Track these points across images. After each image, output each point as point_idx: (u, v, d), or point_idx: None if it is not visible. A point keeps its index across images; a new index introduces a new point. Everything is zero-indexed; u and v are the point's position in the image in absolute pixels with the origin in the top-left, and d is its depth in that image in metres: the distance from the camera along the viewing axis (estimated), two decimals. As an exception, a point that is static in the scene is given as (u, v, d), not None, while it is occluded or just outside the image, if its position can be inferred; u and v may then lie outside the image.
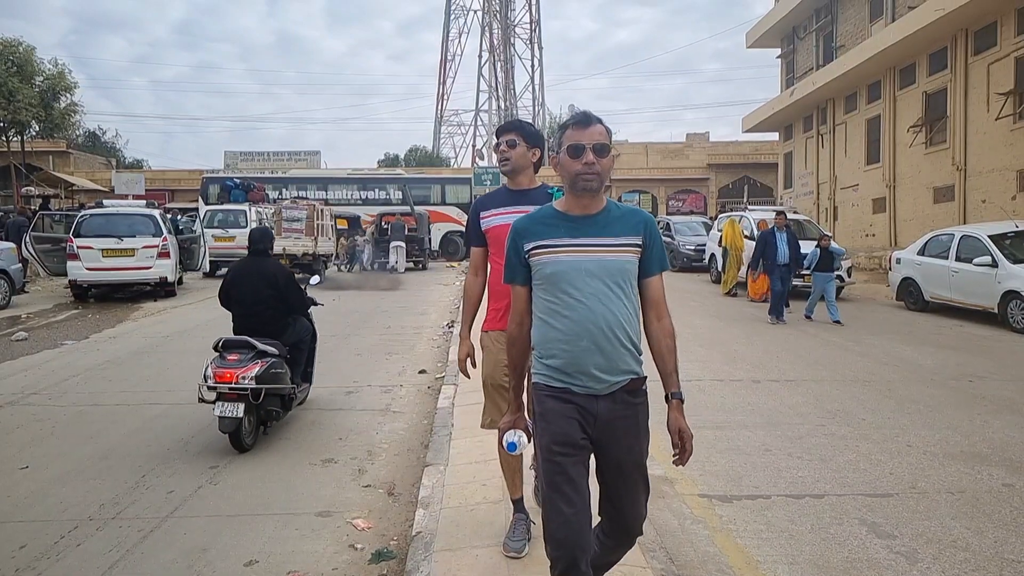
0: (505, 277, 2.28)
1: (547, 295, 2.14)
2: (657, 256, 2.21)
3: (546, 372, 2.16)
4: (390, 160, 49.56)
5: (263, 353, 4.84)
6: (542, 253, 2.14)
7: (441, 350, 8.27)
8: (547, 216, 2.20)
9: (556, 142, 2.19)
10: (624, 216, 2.19)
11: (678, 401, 2.19)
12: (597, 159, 2.09)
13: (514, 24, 55.22)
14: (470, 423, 5.02)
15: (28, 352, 8.24)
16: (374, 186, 26.23)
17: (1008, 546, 3.27)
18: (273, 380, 4.83)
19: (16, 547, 3.36)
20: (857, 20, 22.54)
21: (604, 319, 2.07)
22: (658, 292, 2.22)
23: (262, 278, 5.24)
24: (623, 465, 2.17)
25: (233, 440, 4.69)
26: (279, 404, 5.09)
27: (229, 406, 4.55)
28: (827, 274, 10.48)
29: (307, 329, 5.59)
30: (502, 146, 3.08)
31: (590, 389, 2.11)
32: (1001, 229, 10.74)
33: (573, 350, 2.09)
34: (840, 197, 23.59)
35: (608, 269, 2.10)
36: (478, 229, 3.14)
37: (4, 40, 23.56)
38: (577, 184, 2.11)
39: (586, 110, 2.19)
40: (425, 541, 3.23)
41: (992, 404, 5.77)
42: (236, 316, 5.31)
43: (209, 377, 4.59)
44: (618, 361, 2.10)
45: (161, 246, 12.84)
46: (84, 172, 35.04)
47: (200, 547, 3.36)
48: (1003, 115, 15.58)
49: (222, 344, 4.89)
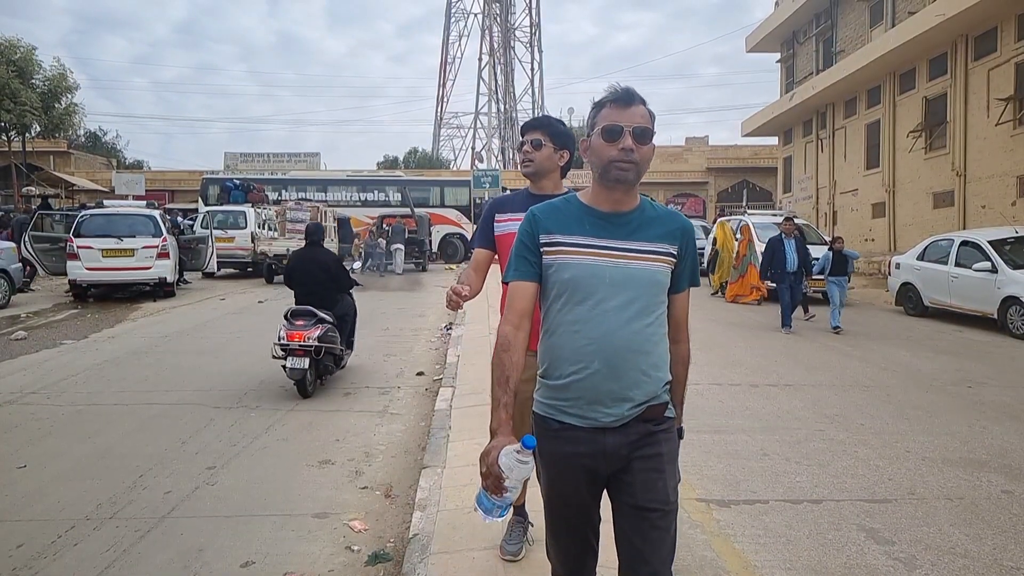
0: (508, 274, 1.89)
1: (559, 304, 1.80)
2: (689, 270, 1.89)
3: (548, 399, 1.83)
4: (389, 162, 49.60)
5: (322, 320, 6.12)
6: (560, 251, 1.80)
7: (439, 352, 8.26)
8: (571, 208, 1.86)
9: (589, 122, 1.85)
10: (660, 219, 1.85)
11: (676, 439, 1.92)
12: (636, 145, 1.75)
13: (514, 27, 55.33)
14: (468, 425, 5.02)
15: (27, 351, 8.24)
16: (373, 188, 26.26)
17: (1007, 553, 3.26)
18: (330, 341, 6.13)
19: (13, 546, 3.35)
20: (857, 25, 22.58)
21: (622, 339, 1.74)
22: (682, 311, 1.91)
23: (317, 263, 6.45)
24: (644, 511, 1.77)
25: (299, 387, 6.01)
26: (332, 361, 6.36)
27: (297, 360, 5.85)
28: (842, 278, 10.19)
29: (351, 305, 6.80)
30: (526, 146, 2.79)
31: (597, 422, 1.77)
32: (1001, 235, 10.74)
33: (582, 372, 1.75)
34: (839, 202, 23.60)
35: (636, 280, 1.77)
36: (489, 231, 2.86)
37: (4, 40, 23.59)
38: (610, 173, 1.77)
39: (628, 86, 1.80)
40: (422, 543, 3.23)
41: (991, 410, 5.77)
42: (297, 293, 6.47)
43: (282, 337, 5.87)
44: (632, 388, 1.76)
45: (160, 247, 12.86)
46: (85, 172, 35.03)
47: (197, 547, 3.36)
48: (1003, 121, 15.59)
49: (291, 313, 6.15)
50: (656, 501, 1.77)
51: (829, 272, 10.22)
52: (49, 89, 24.63)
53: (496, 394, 1.78)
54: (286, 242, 17.11)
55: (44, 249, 13.44)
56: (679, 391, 1.93)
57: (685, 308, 1.92)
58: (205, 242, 15.31)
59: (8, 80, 22.45)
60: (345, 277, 6.60)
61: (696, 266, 1.92)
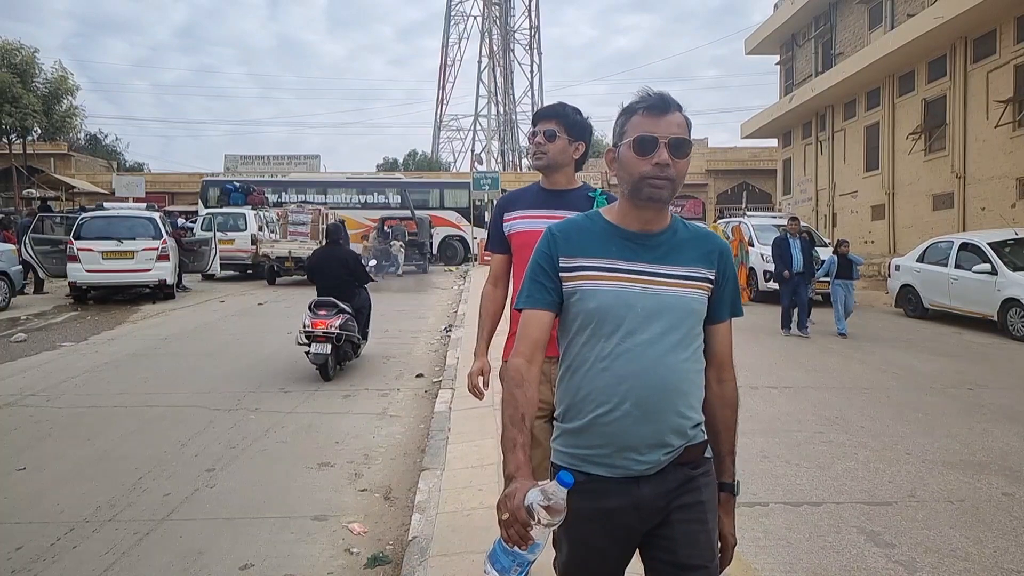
0: (521, 301, 1.67)
1: (583, 336, 1.59)
2: (730, 296, 1.68)
3: (569, 447, 1.62)
4: (389, 164, 49.65)
5: (342, 310, 6.78)
6: (584, 276, 1.59)
7: (439, 354, 8.25)
8: (594, 227, 1.65)
9: (617, 132, 1.65)
10: (695, 239, 1.66)
11: (729, 495, 1.67)
12: (673, 160, 1.55)
13: (513, 30, 55.42)
14: (467, 428, 5.02)
15: (27, 353, 8.23)
16: (373, 190, 26.25)
17: (1008, 556, 3.26)
18: (349, 329, 6.79)
19: (12, 549, 3.34)
20: (856, 27, 22.60)
21: (658, 377, 1.53)
22: (725, 345, 1.69)
23: (337, 259, 7.14)
24: (686, 570, 1.56)
25: (321, 371, 6.67)
26: (351, 348, 7.03)
27: (320, 346, 6.51)
28: (847, 281, 10.06)
29: (367, 298, 7.48)
30: (538, 136, 2.53)
31: (629, 470, 1.55)
32: (1001, 236, 10.74)
33: (611, 415, 1.54)
34: (839, 204, 23.61)
35: (671, 309, 1.57)
36: (500, 232, 2.61)
37: (5, 43, 23.64)
38: (642, 191, 1.57)
39: (662, 92, 1.60)
40: (421, 546, 3.22)
41: (991, 412, 5.76)
42: (320, 286, 7.11)
43: (307, 325, 6.52)
44: (669, 434, 1.56)
45: (160, 249, 12.87)
46: (85, 175, 35.03)
47: (196, 550, 3.35)
48: (1002, 123, 15.60)
49: (314, 304, 6.80)
50: (700, 557, 1.56)
51: (836, 276, 10.09)
52: (50, 92, 24.67)
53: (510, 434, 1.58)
54: (288, 244, 17.14)
55: (45, 251, 13.45)
56: (728, 439, 1.68)
57: (728, 341, 1.69)
58: (208, 244, 15.35)
59: (11, 84, 22.49)
60: (362, 272, 7.26)
61: (738, 293, 1.72)
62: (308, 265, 7.55)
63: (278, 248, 17.02)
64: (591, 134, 2.59)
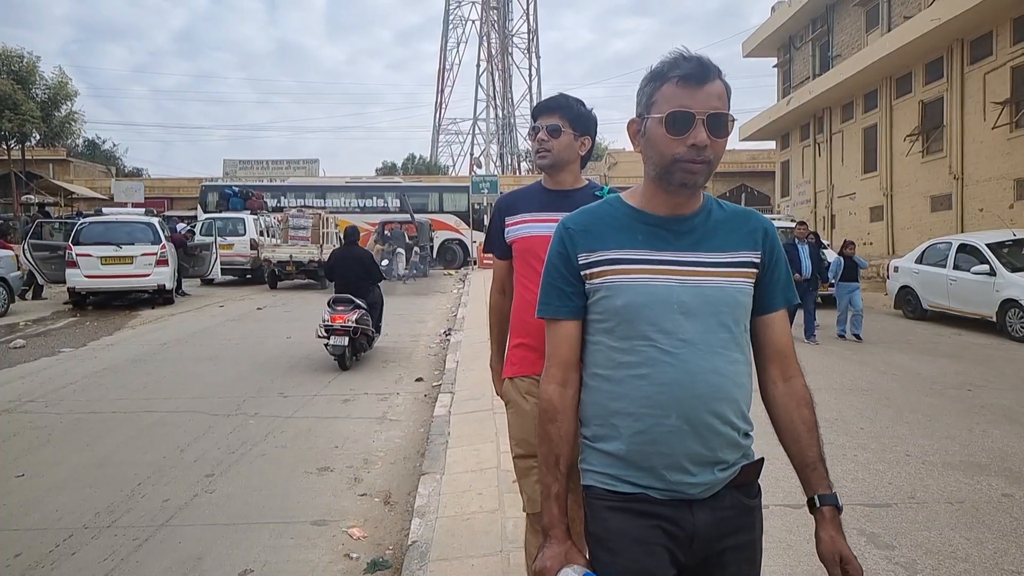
0: (540, 308, 1.46)
1: (612, 339, 1.38)
2: (782, 282, 1.46)
3: (604, 467, 1.38)
4: (388, 168, 49.69)
5: (358, 306, 7.43)
6: (610, 272, 1.37)
7: (438, 358, 8.25)
8: (614, 213, 1.44)
9: (643, 101, 1.38)
10: (734, 219, 1.44)
11: (833, 510, 1.41)
12: (712, 140, 1.31)
13: (512, 34, 55.55)
14: (466, 431, 5.02)
15: (26, 359, 8.22)
16: (372, 194, 26.29)
17: (1008, 557, 3.25)
18: (364, 323, 7.50)
19: (11, 555, 3.34)
20: (853, 30, 22.66)
21: (706, 383, 1.34)
22: (783, 337, 1.48)
23: (354, 259, 7.86)
24: None
25: (339, 362, 7.33)
26: (366, 341, 7.74)
27: (338, 339, 7.17)
28: (852, 284, 9.91)
29: (380, 295, 8.16)
30: (540, 133, 2.26)
31: (679, 493, 1.34)
32: (999, 238, 10.74)
33: (653, 431, 1.33)
34: (837, 205, 23.64)
35: (712, 303, 1.36)
36: (501, 238, 2.37)
37: (7, 51, 23.70)
38: (674, 176, 1.34)
39: (700, 55, 1.34)
40: (421, 551, 3.22)
41: (991, 413, 5.76)
42: (337, 284, 7.79)
43: (326, 320, 7.18)
44: (723, 447, 1.37)
45: (159, 254, 12.87)
46: (84, 180, 35.08)
47: (195, 556, 3.34)
48: (1000, 124, 15.63)
49: (332, 300, 7.43)
50: None
51: (841, 278, 9.95)
52: (49, 98, 24.72)
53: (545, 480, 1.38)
54: (289, 248, 17.14)
55: (43, 257, 13.45)
56: (812, 442, 1.46)
57: (787, 331, 1.49)
58: (209, 249, 15.36)
59: (12, 92, 22.54)
60: (377, 271, 7.97)
61: (790, 277, 1.50)
62: (327, 264, 8.24)
63: (279, 252, 17.03)
64: (596, 125, 2.35)
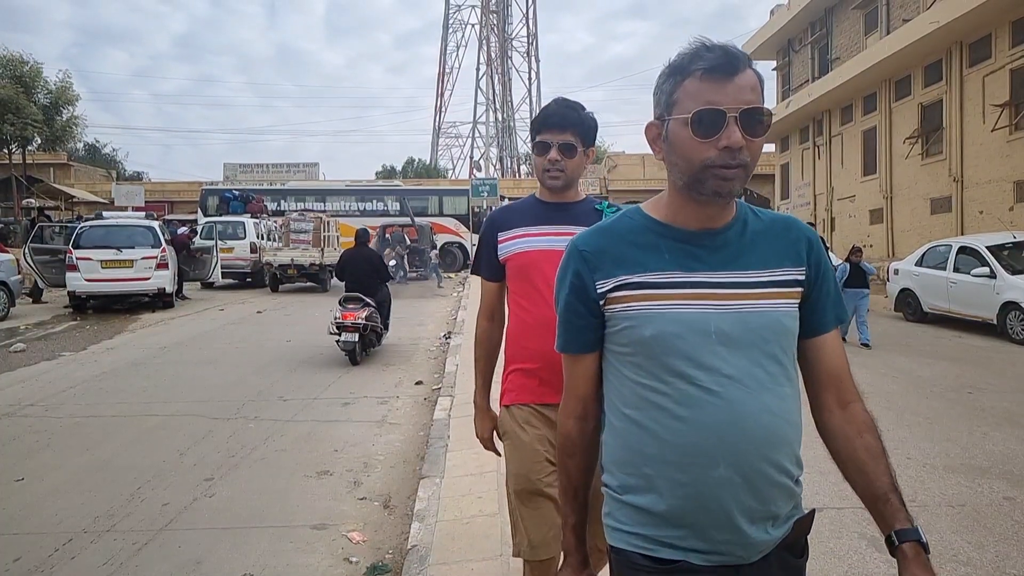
0: (558, 342, 1.30)
1: (640, 375, 1.19)
2: (832, 298, 1.28)
3: (636, 526, 1.20)
4: (387, 172, 49.75)
5: (368, 304, 7.84)
6: (634, 298, 1.19)
7: (438, 361, 8.24)
8: (635, 228, 1.24)
9: (663, 101, 1.19)
10: (772, 230, 1.25)
11: (916, 546, 1.13)
12: (747, 140, 1.12)
13: (511, 37, 55.67)
14: (466, 435, 5.00)
15: (25, 363, 8.22)
16: (372, 198, 26.29)
17: (1009, 560, 3.24)
18: (374, 321, 7.90)
19: (11, 560, 3.33)
20: (852, 33, 22.70)
21: (759, 425, 1.16)
22: (837, 359, 1.30)
23: (364, 259, 8.24)
24: None
25: (350, 357, 7.76)
26: (375, 337, 8.20)
27: (349, 335, 7.61)
28: (858, 290, 9.77)
29: (388, 293, 8.56)
30: (552, 151, 2.05)
31: (727, 556, 1.16)
32: (999, 240, 10.75)
33: (698, 483, 1.14)
34: (837, 208, 23.65)
35: (756, 330, 1.17)
36: (493, 256, 2.16)
37: (10, 56, 23.75)
38: (705, 184, 1.15)
39: (725, 44, 1.15)
40: (420, 555, 3.21)
41: (992, 416, 5.76)
42: (348, 283, 8.15)
43: (337, 317, 7.61)
44: (777, 499, 1.19)
45: (160, 257, 12.87)
46: (84, 184, 35.09)
47: (195, 560, 3.34)
48: (999, 126, 15.65)
49: (343, 299, 7.86)
50: None
51: (846, 284, 9.80)
52: (51, 102, 24.77)
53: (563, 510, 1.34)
54: (291, 252, 17.14)
55: (44, 261, 13.45)
56: (881, 470, 1.23)
57: (841, 353, 1.31)
58: (210, 252, 15.38)
59: (15, 96, 22.59)
60: (385, 271, 8.41)
61: (839, 292, 1.31)
62: (338, 264, 8.61)
63: (281, 256, 17.04)
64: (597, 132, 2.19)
